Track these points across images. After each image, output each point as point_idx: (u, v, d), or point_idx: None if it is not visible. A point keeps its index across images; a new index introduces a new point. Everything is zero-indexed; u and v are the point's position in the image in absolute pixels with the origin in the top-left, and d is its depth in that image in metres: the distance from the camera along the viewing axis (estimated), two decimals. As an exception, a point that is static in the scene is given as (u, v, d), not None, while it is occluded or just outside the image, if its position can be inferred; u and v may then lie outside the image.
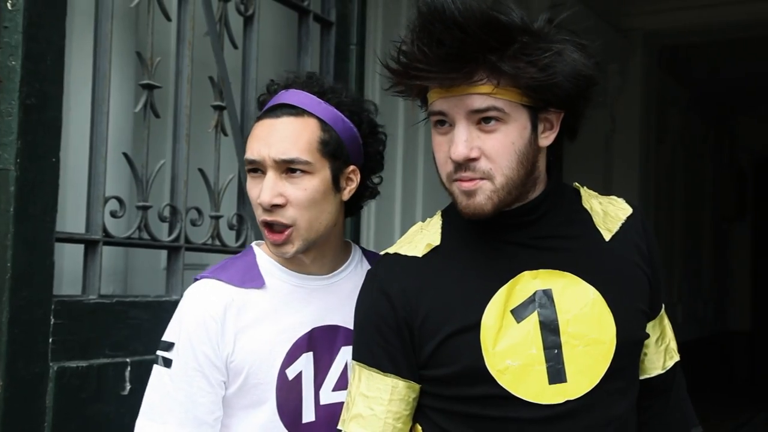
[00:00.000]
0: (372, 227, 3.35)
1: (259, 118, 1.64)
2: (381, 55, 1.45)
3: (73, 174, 2.22)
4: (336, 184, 1.63)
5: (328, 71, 2.80)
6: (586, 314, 1.42)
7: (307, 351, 1.65)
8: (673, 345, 1.64)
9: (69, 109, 2.11)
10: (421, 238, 1.52)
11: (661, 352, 1.61)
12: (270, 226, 1.60)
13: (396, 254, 1.52)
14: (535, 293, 1.42)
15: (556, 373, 1.39)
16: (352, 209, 1.75)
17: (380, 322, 1.47)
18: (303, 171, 1.57)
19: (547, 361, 1.39)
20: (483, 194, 1.39)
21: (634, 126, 6.80)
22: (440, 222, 1.54)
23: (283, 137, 1.57)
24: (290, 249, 1.60)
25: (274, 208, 1.57)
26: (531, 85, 1.36)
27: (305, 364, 1.65)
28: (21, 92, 1.79)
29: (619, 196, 1.61)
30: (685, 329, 8.56)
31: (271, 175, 1.57)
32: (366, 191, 1.73)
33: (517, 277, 1.43)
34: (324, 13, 2.81)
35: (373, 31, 3.06)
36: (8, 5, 1.79)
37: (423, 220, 1.59)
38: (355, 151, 1.66)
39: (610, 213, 1.54)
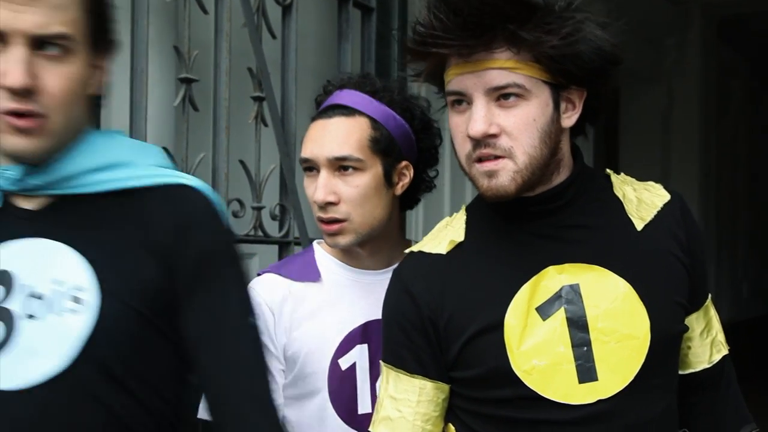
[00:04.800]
0: (420, 219, 3.31)
1: (313, 119, 1.70)
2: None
3: (114, 169, 2.23)
4: (389, 180, 1.68)
5: (370, 58, 2.78)
6: (616, 309, 1.35)
7: (361, 343, 1.68)
8: (721, 337, 1.54)
9: (109, 104, 2.12)
10: (445, 235, 1.47)
11: (707, 345, 1.52)
12: (325, 221, 1.66)
13: (420, 252, 1.47)
14: (561, 289, 1.36)
15: (586, 372, 1.33)
16: (409, 202, 1.80)
17: (404, 322, 1.43)
18: (355, 168, 1.63)
19: (576, 359, 1.33)
20: (506, 174, 1.33)
21: (692, 100, 6.64)
22: (464, 217, 1.49)
23: (335, 136, 1.64)
24: (342, 240, 1.66)
25: (327, 205, 1.63)
26: (551, 56, 1.30)
27: (359, 355, 1.68)
28: (58, 91, 1.80)
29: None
30: (751, 305, 8.36)
31: (324, 173, 1.64)
32: (422, 185, 1.78)
33: (541, 272, 1.37)
34: (364, -2, 2.78)
35: (414, 16, 3.02)
36: (44, 4, 1.80)
37: None
38: (408, 147, 1.70)
39: (645, 200, 1.46)
